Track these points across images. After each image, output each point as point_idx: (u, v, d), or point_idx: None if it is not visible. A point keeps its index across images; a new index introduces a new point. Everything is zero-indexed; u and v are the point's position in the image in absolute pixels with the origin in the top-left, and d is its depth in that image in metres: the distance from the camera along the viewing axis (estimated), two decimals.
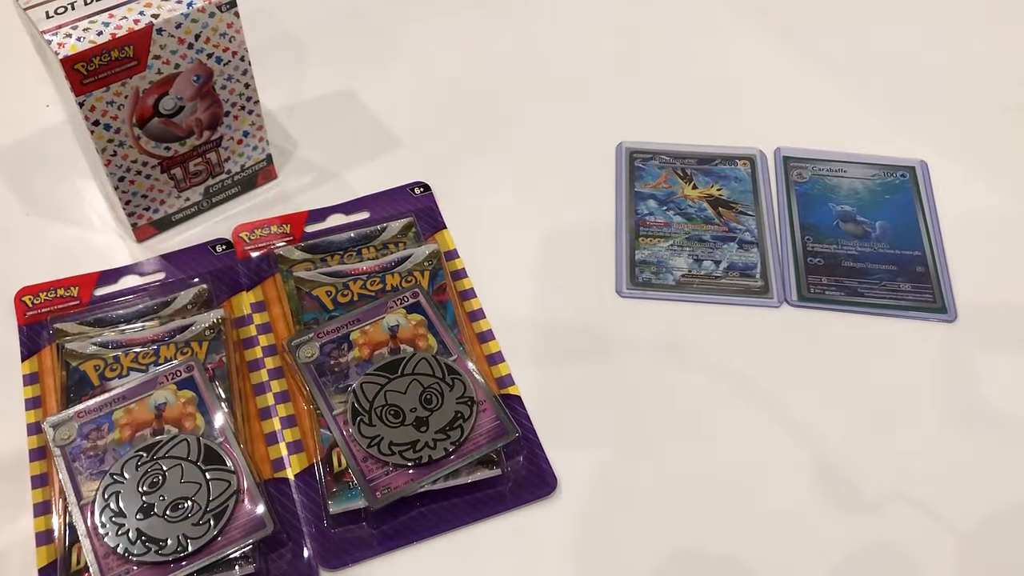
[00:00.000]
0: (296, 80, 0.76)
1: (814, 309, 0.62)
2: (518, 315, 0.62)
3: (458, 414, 0.54)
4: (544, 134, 0.73)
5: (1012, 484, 0.55)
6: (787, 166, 0.71)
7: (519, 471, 0.54)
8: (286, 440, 0.55)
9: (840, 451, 0.56)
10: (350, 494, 0.52)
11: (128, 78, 0.55)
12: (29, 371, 0.57)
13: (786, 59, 0.79)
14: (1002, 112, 0.75)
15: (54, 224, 0.66)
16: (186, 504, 0.50)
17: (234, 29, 0.58)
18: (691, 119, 0.74)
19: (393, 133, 0.72)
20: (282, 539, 0.51)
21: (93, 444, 0.52)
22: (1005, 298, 0.63)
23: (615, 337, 0.61)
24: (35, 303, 0.60)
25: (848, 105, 0.75)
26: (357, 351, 0.57)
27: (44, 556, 0.50)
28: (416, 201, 0.67)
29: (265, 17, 0.80)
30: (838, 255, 0.65)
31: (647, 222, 0.67)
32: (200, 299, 0.60)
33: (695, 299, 0.63)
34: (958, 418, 0.57)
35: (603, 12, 0.82)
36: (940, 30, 0.82)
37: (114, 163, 0.59)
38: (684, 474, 0.55)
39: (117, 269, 0.63)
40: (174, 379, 0.55)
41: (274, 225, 0.65)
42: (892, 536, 0.53)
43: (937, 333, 0.61)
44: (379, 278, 0.61)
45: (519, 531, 0.53)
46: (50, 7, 0.54)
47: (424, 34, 0.80)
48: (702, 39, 0.80)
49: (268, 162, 0.67)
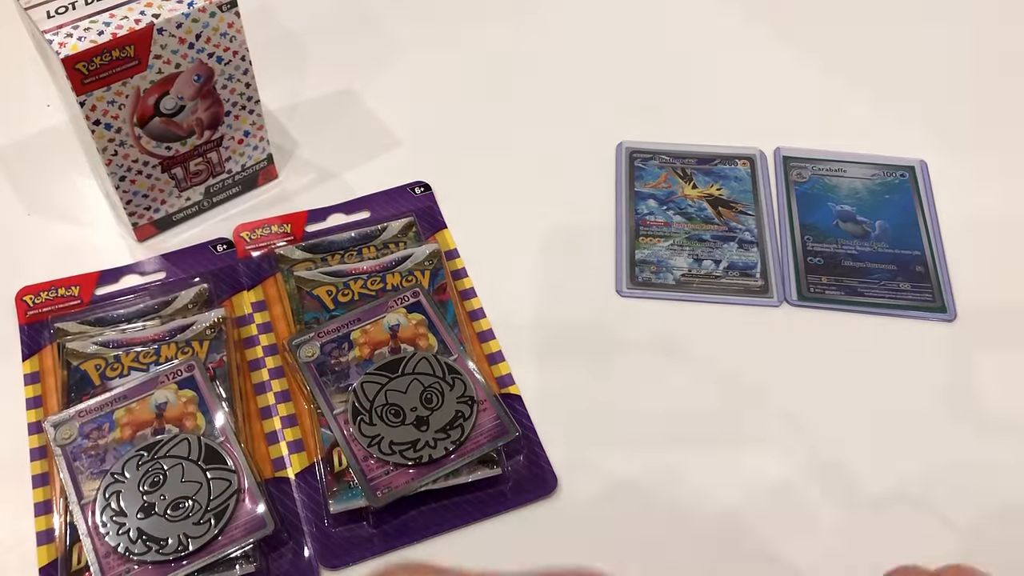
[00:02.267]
0: (296, 80, 0.76)
1: (814, 309, 0.62)
2: (518, 315, 0.62)
3: (458, 413, 0.54)
4: (544, 134, 0.73)
5: (1012, 484, 0.55)
6: (787, 166, 0.71)
7: (519, 471, 0.55)
8: (287, 439, 0.55)
9: (840, 450, 0.56)
10: (351, 493, 0.52)
11: (129, 78, 0.55)
12: (30, 370, 0.58)
13: (786, 59, 0.79)
14: (1002, 112, 0.75)
15: (55, 224, 0.66)
16: (187, 503, 0.50)
17: (235, 29, 0.58)
18: (691, 119, 0.74)
19: (393, 133, 0.72)
20: (283, 538, 0.51)
21: (94, 443, 0.52)
22: (1005, 298, 0.63)
23: (615, 337, 0.61)
24: (36, 303, 0.60)
25: (848, 105, 0.75)
26: (358, 350, 0.57)
27: (45, 555, 0.50)
28: (416, 201, 0.67)
29: (266, 17, 0.80)
30: (838, 255, 0.65)
31: (647, 222, 0.67)
32: (201, 298, 0.60)
33: (695, 299, 0.63)
34: (958, 418, 0.57)
35: (603, 12, 0.82)
36: (940, 30, 0.82)
37: (115, 163, 0.59)
38: (684, 474, 0.55)
39: (118, 268, 0.63)
40: (175, 378, 0.55)
41: (275, 225, 0.65)
42: (892, 535, 0.53)
43: (937, 333, 0.61)
44: (379, 277, 0.61)
45: (519, 531, 0.53)
46: (51, 7, 0.54)
47: (424, 34, 0.80)
48: (702, 39, 0.80)
49: (269, 162, 0.67)
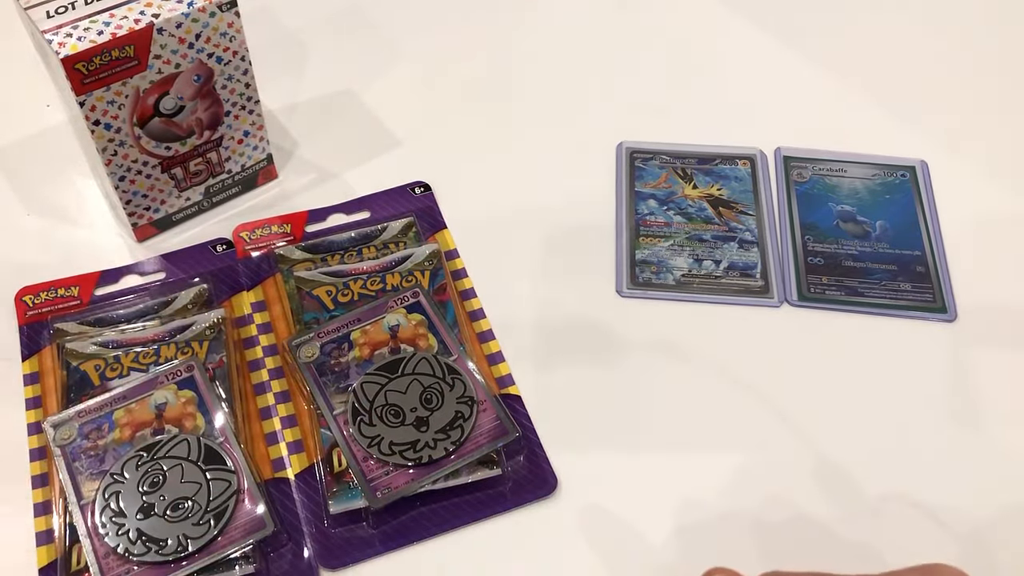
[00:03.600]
0: (296, 80, 0.76)
1: (814, 309, 0.62)
2: (518, 315, 0.62)
3: (458, 414, 0.54)
4: (544, 134, 0.73)
5: (1012, 484, 0.55)
6: (787, 166, 0.71)
7: (519, 471, 0.54)
8: (286, 440, 0.55)
9: (840, 450, 0.56)
10: (350, 494, 0.52)
11: (129, 78, 0.55)
12: (29, 371, 0.57)
13: (786, 59, 0.79)
14: (1002, 112, 0.75)
15: (54, 224, 0.66)
16: (186, 504, 0.50)
17: (235, 29, 0.58)
18: (691, 119, 0.74)
19: (393, 133, 0.72)
20: (282, 539, 0.51)
21: (93, 444, 0.52)
22: (1005, 298, 0.63)
23: (615, 337, 0.61)
24: (35, 303, 0.60)
25: (848, 105, 0.75)
26: (357, 351, 0.57)
27: (44, 556, 0.50)
28: (416, 201, 0.67)
29: (265, 17, 0.80)
30: (838, 255, 0.65)
31: (647, 222, 0.67)
32: (200, 299, 0.60)
33: (695, 299, 0.63)
34: (958, 418, 0.57)
35: (603, 12, 0.82)
36: (940, 30, 0.82)
37: (114, 163, 0.59)
38: (684, 474, 0.55)
39: (117, 269, 0.63)
40: (174, 379, 0.55)
41: (274, 225, 0.65)
42: (892, 535, 0.53)
43: (937, 333, 0.61)
44: (379, 278, 0.61)
45: (519, 531, 0.53)
46: (51, 7, 0.54)
47: (424, 34, 0.80)
48: (702, 39, 0.80)
49: (268, 162, 0.67)
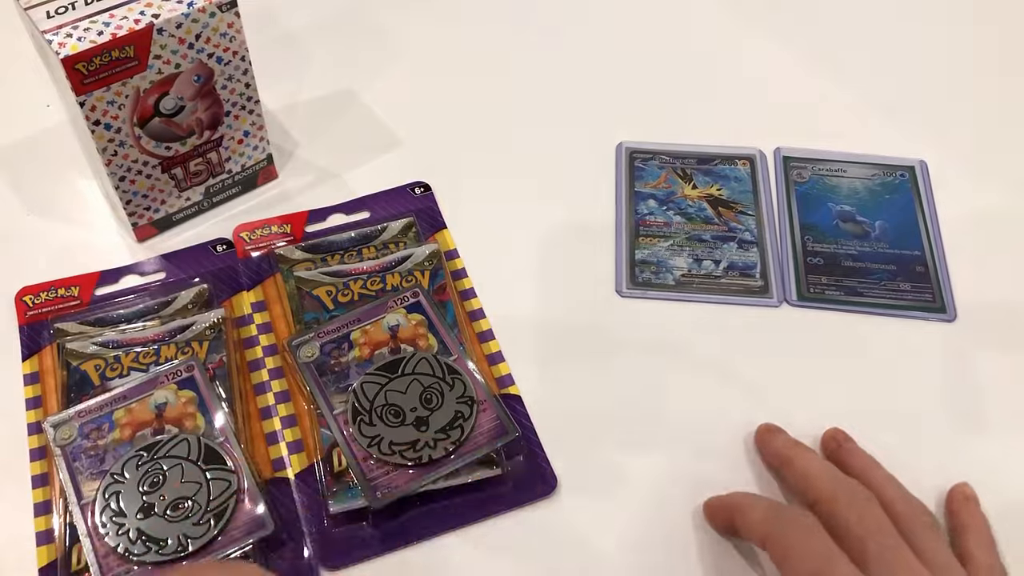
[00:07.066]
0: (296, 80, 0.76)
1: (814, 309, 0.62)
2: (518, 315, 0.62)
3: (458, 414, 0.54)
4: (544, 134, 0.73)
5: (1012, 484, 0.55)
6: (787, 166, 0.71)
7: (519, 471, 0.54)
8: (286, 440, 0.55)
9: None
10: (350, 494, 0.52)
11: (129, 78, 0.55)
12: (29, 371, 0.57)
13: (786, 59, 0.79)
14: (1002, 112, 0.75)
15: (54, 224, 0.66)
16: (186, 504, 0.50)
17: (235, 29, 0.58)
18: (691, 119, 0.74)
19: (393, 133, 0.72)
20: (282, 539, 0.51)
21: (93, 444, 0.52)
22: (1005, 298, 0.63)
23: (615, 337, 0.61)
24: (36, 303, 0.60)
25: (848, 105, 0.75)
26: (357, 351, 0.57)
27: (44, 556, 0.50)
28: (416, 201, 0.67)
29: (265, 17, 0.80)
30: (838, 255, 0.65)
31: (647, 222, 0.67)
32: (201, 299, 0.60)
33: (695, 299, 0.63)
34: (958, 418, 0.57)
35: (603, 12, 0.82)
36: (940, 30, 0.82)
37: (115, 163, 0.59)
38: (684, 474, 0.55)
39: (118, 269, 0.63)
40: (175, 379, 0.55)
41: (274, 225, 0.65)
42: None
43: (937, 333, 0.61)
44: (379, 278, 0.61)
45: (519, 531, 0.53)
46: (51, 7, 0.54)
47: (424, 34, 0.80)
48: (702, 39, 0.80)
49: (269, 162, 0.67)
